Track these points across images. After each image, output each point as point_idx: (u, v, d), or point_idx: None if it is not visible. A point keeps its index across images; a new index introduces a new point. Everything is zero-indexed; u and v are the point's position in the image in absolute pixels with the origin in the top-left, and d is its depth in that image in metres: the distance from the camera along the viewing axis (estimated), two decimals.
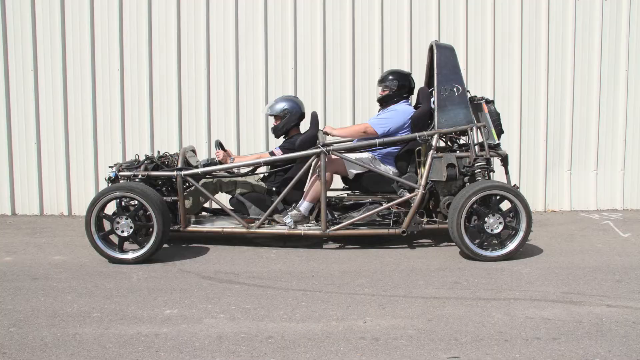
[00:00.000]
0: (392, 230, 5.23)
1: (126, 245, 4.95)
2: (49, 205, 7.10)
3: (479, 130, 5.28)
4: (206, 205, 5.91)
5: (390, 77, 5.56)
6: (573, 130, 7.26)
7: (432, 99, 5.35)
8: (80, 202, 7.00)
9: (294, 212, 5.29)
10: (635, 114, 7.32)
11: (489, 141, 5.25)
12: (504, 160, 5.39)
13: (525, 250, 5.08)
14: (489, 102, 5.42)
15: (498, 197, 4.96)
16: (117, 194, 4.87)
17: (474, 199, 4.87)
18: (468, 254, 4.92)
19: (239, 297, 4.00)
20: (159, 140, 7.04)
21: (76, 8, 6.91)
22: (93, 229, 4.81)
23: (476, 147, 5.18)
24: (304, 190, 5.39)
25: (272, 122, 5.76)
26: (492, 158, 5.30)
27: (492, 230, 4.93)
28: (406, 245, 5.49)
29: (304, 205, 5.32)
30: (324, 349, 3.17)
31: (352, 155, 5.38)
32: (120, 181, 5.19)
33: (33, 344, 3.22)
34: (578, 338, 3.29)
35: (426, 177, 5.17)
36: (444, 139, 5.47)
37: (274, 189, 5.50)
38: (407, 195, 5.24)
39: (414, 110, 5.51)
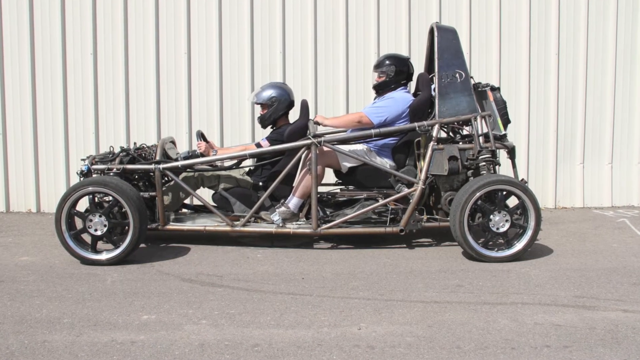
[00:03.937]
0: (389, 229, 5.23)
1: (100, 244, 4.94)
2: (16, 201, 7.06)
3: (483, 119, 5.27)
4: (187, 201, 5.91)
5: (387, 62, 5.55)
6: (586, 120, 7.26)
7: (433, 86, 5.35)
8: (50, 198, 6.96)
9: (282, 209, 5.28)
10: None
11: (494, 132, 5.25)
12: (511, 153, 5.39)
13: (533, 251, 5.10)
14: (495, 89, 5.43)
15: (504, 193, 4.97)
16: (90, 189, 4.84)
17: (478, 194, 4.87)
18: (472, 254, 4.93)
19: (223, 302, 4.00)
20: (136, 131, 7.00)
21: None
22: (64, 227, 4.81)
23: (480, 138, 5.18)
24: (293, 185, 5.38)
25: (258, 110, 5.75)
26: (497, 150, 5.31)
27: (497, 228, 4.94)
28: (404, 245, 5.50)
29: (293, 202, 5.32)
30: (314, 357, 3.17)
31: (345, 147, 5.38)
32: (94, 175, 5.17)
33: None
34: (591, 346, 3.30)
35: (426, 171, 5.17)
36: (445, 130, 5.47)
37: (260, 183, 5.50)
38: (406, 191, 5.24)
39: (413, 98, 5.51)
